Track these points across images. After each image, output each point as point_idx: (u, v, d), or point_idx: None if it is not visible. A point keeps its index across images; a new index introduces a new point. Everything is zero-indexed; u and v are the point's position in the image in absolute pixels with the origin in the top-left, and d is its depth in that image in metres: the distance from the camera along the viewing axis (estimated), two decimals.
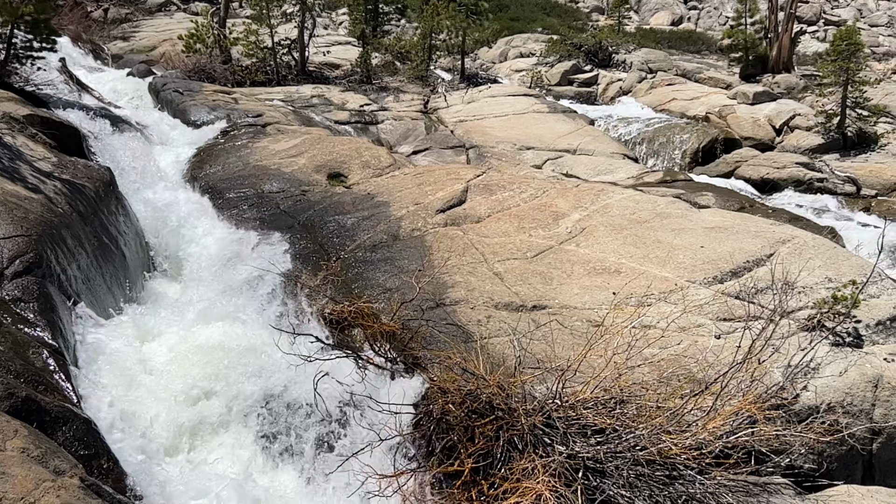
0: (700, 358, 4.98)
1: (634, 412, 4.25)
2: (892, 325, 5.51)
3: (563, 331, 5.35)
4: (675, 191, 10.06)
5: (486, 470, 4.21)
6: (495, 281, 6.02)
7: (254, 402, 4.40)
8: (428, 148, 13.02)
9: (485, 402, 4.39)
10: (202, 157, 9.16)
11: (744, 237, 6.37)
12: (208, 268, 5.95)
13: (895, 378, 5.03)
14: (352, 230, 6.90)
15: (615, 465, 3.90)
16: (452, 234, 6.83)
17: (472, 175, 8.17)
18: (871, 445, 4.86)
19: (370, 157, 8.98)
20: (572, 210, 7.26)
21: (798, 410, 4.76)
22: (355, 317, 5.21)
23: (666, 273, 5.97)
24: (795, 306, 5.52)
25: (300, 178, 8.21)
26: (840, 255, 6.23)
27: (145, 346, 4.56)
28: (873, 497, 4.43)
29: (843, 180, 12.23)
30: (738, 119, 15.51)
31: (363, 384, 4.62)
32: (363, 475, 4.13)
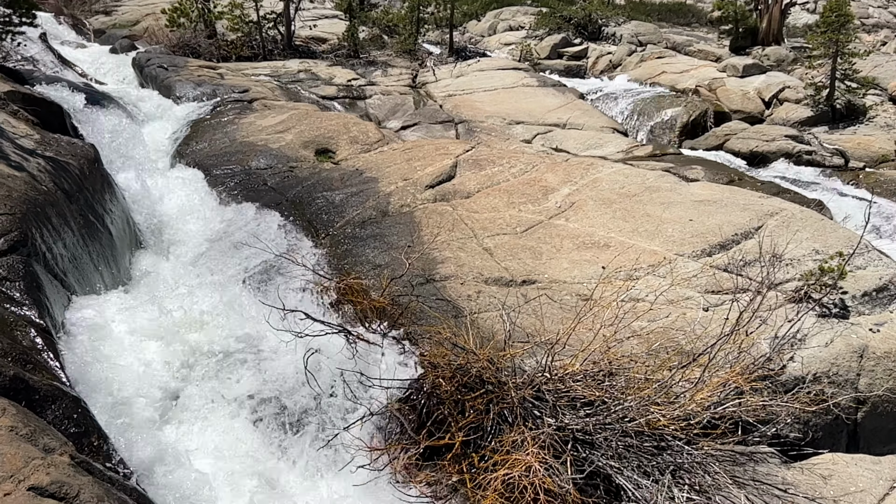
0: (688, 330, 5.02)
1: (623, 384, 4.29)
2: (877, 296, 5.57)
3: (552, 305, 5.37)
4: (664, 164, 10.07)
5: (477, 443, 4.25)
6: (485, 256, 6.02)
7: (243, 376, 4.40)
8: (417, 123, 12.92)
9: (475, 376, 4.42)
10: (188, 133, 9.06)
11: (732, 210, 6.38)
12: (196, 245, 5.91)
13: (880, 348, 5.09)
14: (340, 206, 6.86)
15: (604, 436, 3.94)
16: (442, 209, 6.81)
17: (462, 150, 8.12)
18: (856, 414, 4.94)
19: (358, 132, 8.91)
20: (562, 185, 7.24)
21: (784, 381, 4.82)
22: (345, 293, 5.21)
23: (655, 246, 5.99)
24: (783, 278, 5.56)
25: (288, 154, 8.13)
26: (827, 227, 6.26)
27: (131, 323, 4.53)
28: (857, 465, 4.51)
29: (831, 153, 12.25)
30: (728, 92, 15.46)
31: (353, 360, 4.62)
32: (354, 449, 4.16)
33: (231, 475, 4.00)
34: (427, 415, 4.52)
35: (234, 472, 4.03)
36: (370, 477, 4.10)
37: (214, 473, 3.91)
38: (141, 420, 4.03)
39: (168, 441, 4.02)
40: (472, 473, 4.03)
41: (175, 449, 3.95)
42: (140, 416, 4.03)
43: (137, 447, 3.73)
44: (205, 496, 3.80)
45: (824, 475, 4.36)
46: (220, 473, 3.97)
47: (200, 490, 3.77)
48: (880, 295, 5.58)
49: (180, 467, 3.85)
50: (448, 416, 4.39)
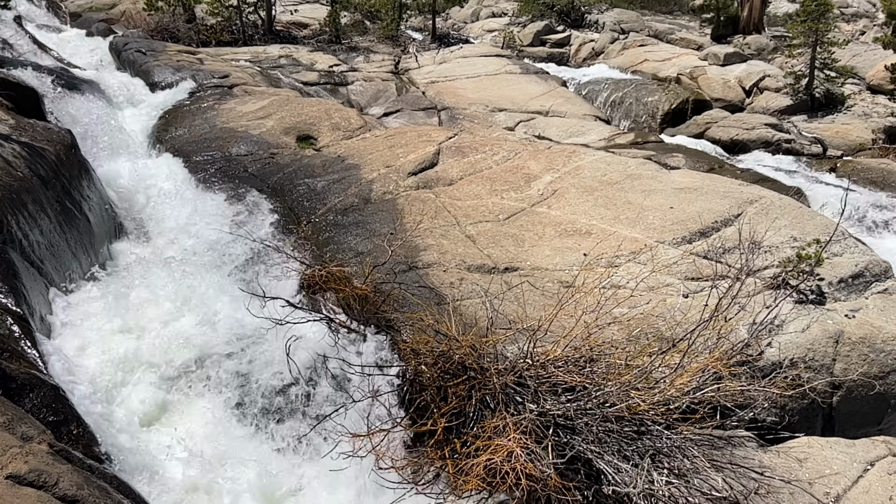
0: (668, 317, 5.07)
1: (604, 370, 4.33)
2: (853, 283, 5.66)
3: (534, 292, 5.40)
4: (645, 152, 10.12)
5: (459, 429, 4.27)
6: (467, 244, 6.03)
7: (224, 366, 4.38)
8: (399, 110, 12.86)
9: (457, 363, 4.43)
10: (167, 119, 8.94)
11: (712, 198, 6.44)
12: (175, 232, 5.85)
13: (855, 334, 5.19)
14: (322, 193, 6.82)
15: (585, 421, 3.98)
16: (424, 197, 6.79)
17: (444, 137, 8.10)
18: (831, 399, 5.03)
19: (340, 118, 8.84)
20: (544, 172, 7.26)
21: (762, 366, 4.89)
22: (327, 280, 5.19)
23: (636, 234, 6.03)
24: (761, 265, 5.63)
25: (268, 140, 8.06)
26: (805, 214, 6.34)
27: (110, 311, 4.49)
28: (832, 448, 4.60)
29: (810, 141, 12.38)
30: (709, 80, 15.55)
31: (335, 347, 4.62)
32: (337, 436, 4.16)
33: (214, 463, 3.98)
34: (410, 401, 4.54)
35: (218, 459, 4.02)
36: (353, 464, 4.11)
37: (197, 461, 3.90)
38: (123, 409, 4.00)
39: (152, 429, 4.00)
40: (455, 459, 4.06)
41: (159, 438, 3.94)
42: (121, 405, 4.00)
43: (119, 437, 3.72)
44: (188, 484, 3.79)
45: (800, 458, 4.45)
46: (203, 462, 3.96)
47: (183, 477, 3.77)
48: (856, 281, 5.68)
49: (163, 456, 3.84)
50: (430, 403, 4.41)
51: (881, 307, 5.48)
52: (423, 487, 4.06)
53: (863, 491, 4.24)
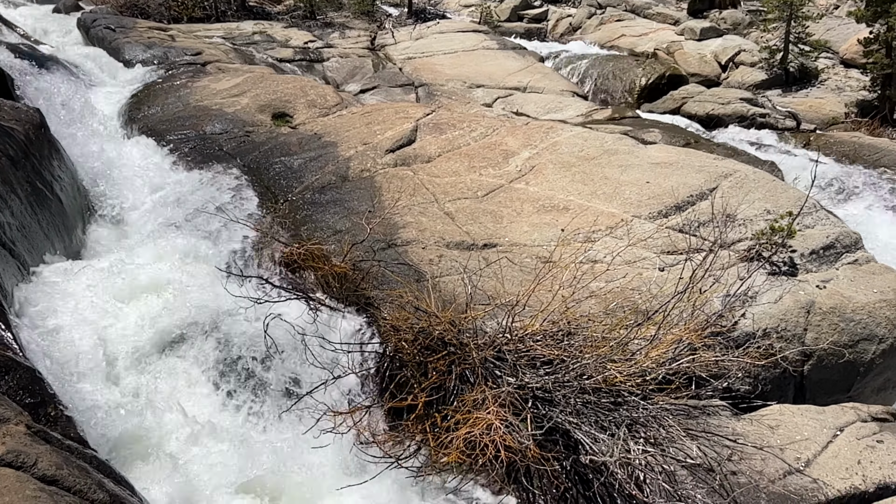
0: (644, 290, 5.14)
1: (581, 343, 4.39)
2: (824, 254, 5.77)
3: (512, 268, 5.44)
4: (622, 128, 10.16)
5: (439, 403, 4.32)
6: (446, 221, 6.03)
7: (202, 345, 4.36)
8: (376, 86, 12.74)
9: (437, 339, 4.47)
10: (139, 97, 8.77)
11: (688, 172, 6.50)
12: (150, 212, 5.78)
13: (826, 304, 5.30)
14: (299, 172, 6.77)
15: (563, 393, 4.04)
16: (402, 174, 6.77)
17: (422, 114, 8.06)
18: (803, 367, 5.15)
19: (316, 95, 8.75)
20: (522, 148, 7.26)
21: (736, 337, 4.99)
22: (305, 259, 5.18)
23: (613, 209, 6.08)
24: (736, 238, 5.71)
25: (243, 118, 7.96)
26: (779, 187, 6.43)
27: (86, 290, 4.43)
28: (803, 415, 4.72)
29: (784, 115, 12.51)
30: (685, 55, 15.59)
31: (315, 325, 4.62)
32: (318, 413, 4.18)
33: (196, 439, 3.99)
34: (390, 377, 4.57)
35: (200, 436, 4.02)
36: (334, 440, 4.13)
37: (178, 438, 3.90)
38: (103, 391, 3.98)
39: (133, 411, 3.98)
40: (435, 433, 4.11)
41: (141, 418, 3.93)
42: (100, 388, 3.98)
43: (99, 419, 3.70)
44: (169, 462, 3.80)
45: (772, 425, 4.56)
46: (184, 439, 3.96)
47: (165, 455, 3.77)
48: (827, 253, 5.79)
49: (146, 434, 3.83)
50: (411, 378, 4.45)
51: (851, 277, 5.60)
52: (404, 461, 4.11)
53: (832, 455, 4.37)
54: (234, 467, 3.88)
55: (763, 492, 4.09)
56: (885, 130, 12.20)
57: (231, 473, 3.86)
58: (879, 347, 5.31)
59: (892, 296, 5.51)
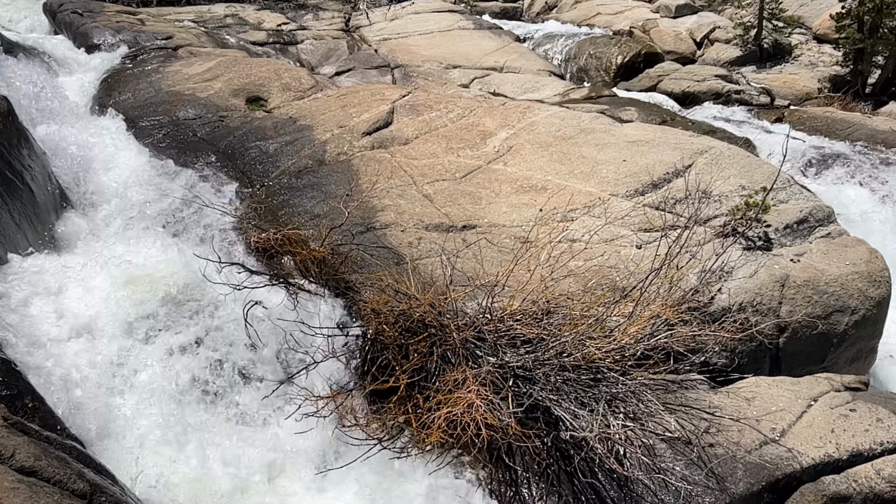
0: (622, 268, 5.18)
1: (560, 321, 4.42)
2: (798, 228, 5.86)
3: (491, 249, 5.45)
4: (599, 106, 10.17)
5: (421, 384, 4.34)
6: (425, 203, 6.02)
7: (182, 330, 4.34)
8: (352, 68, 12.61)
9: (417, 321, 4.48)
10: (110, 83, 8.60)
11: (664, 150, 6.54)
12: (124, 200, 5.69)
13: (800, 277, 5.39)
14: (275, 156, 6.70)
15: (543, 371, 4.08)
16: (380, 156, 6.74)
17: (398, 95, 8.00)
18: (778, 340, 5.25)
19: (290, 79, 8.64)
20: (499, 129, 7.26)
21: (713, 311, 5.07)
22: (283, 244, 5.14)
23: (590, 188, 6.11)
24: (711, 214, 5.78)
25: (217, 103, 7.84)
26: (753, 163, 6.50)
27: (60, 281, 4.37)
28: (778, 386, 4.82)
29: (758, 91, 12.60)
30: (661, 33, 15.61)
31: (295, 311, 4.61)
32: (300, 398, 4.19)
33: (177, 428, 3.97)
34: (371, 360, 4.58)
35: (182, 425, 4.01)
36: (317, 424, 4.14)
37: (159, 426, 3.89)
38: (83, 380, 3.94)
39: (114, 399, 3.96)
40: (418, 414, 4.13)
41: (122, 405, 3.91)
42: (81, 376, 3.94)
43: (80, 408, 3.68)
44: (151, 448, 3.79)
45: (748, 397, 4.65)
46: (165, 426, 3.94)
47: (146, 441, 3.76)
48: (801, 227, 5.88)
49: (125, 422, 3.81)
50: (392, 361, 4.46)
51: (824, 251, 5.70)
52: (387, 443, 4.13)
53: (806, 425, 4.47)
54: (220, 457, 3.89)
55: (740, 462, 4.18)
56: (858, 105, 12.34)
57: (216, 462, 3.87)
58: (852, 318, 5.43)
59: (864, 267, 5.61)
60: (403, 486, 4.01)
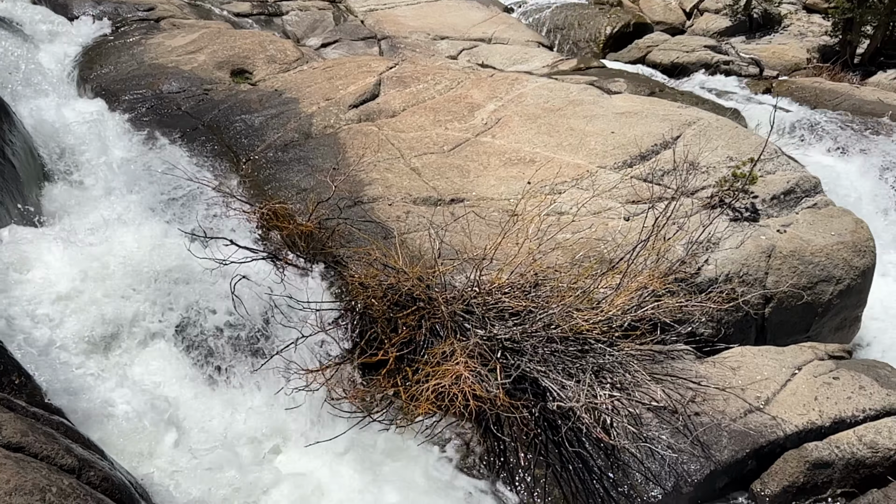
0: (610, 240, 5.19)
1: (548, 294, 4.44)
2: (785, 199, 5.88)
3: (480, 222, 5.44)
4: (588, 78, 10.11)
5: (410, 357, 4.36)
6: (413, 176, 5.99)
7: (170, 306, 4.32)
8: (338, 40, 12.45)
9: (406, 294, 4.48)
10: (91, 56, 8.43)
11: (652, 121, 6.51)
12: (107, 175, 5.62)
13: (786, 248, 5.43)
14: (260, 130, 6.63)
15: (531, 343, 4.10)
16: (367, 129, 6.68)
17: (385, 67, 7.91)
18: (764, 310, 5.30)
19: (276, 51, 8.51)
20: (487, 101, 7.20)
21: (699, 282, 5.10)
22: (270, 219, 5.11)
23: (578, 160, 6.09)
24: (699, 185, 5.78)
25: (201, 76, 7.72)
26: (741, 134, 6.49)
27: (44, 256, 4.33)
28: (763, 355, 4.87)
29: (747, 62, 12.57)
30: (650, 3, 15.50)
31: (282, 285, 4.60)
32: (289, 372, 4.20)
33: (168, 403, 3.98)
34: (360, 334, 4.59)
35: (172, 400, 4.01)
36: (306, 398, 4.16)
37: (146, 403, 3.89)
38: (69, 356, 3.93)
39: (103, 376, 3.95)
40: (406, 386, 4.16)
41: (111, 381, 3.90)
42: (66, 353, 3.93)
43: (66, 386, 3.66)
44: (140, 425, 3.79)
45: (734, 367, 4.70)
46: (154, 403, 3.95)
47: (138, 416, 3.76)
48: (787, 197, 5.90)
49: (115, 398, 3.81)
50: (381, 334, 4.47)
51: (810, 221, 5.73)
52: (376, 415, 4.16)
53: (790, 393, 4.54)
54: (214, 432, 3.90)
55: (725, 430, 4.24)
56: (846, 75, 12.34)
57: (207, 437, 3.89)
58: (836, 288, 5.48)
59: (849, 238, 5.66)
60: (393, 458, 4.04)
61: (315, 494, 3.80)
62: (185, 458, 3.69)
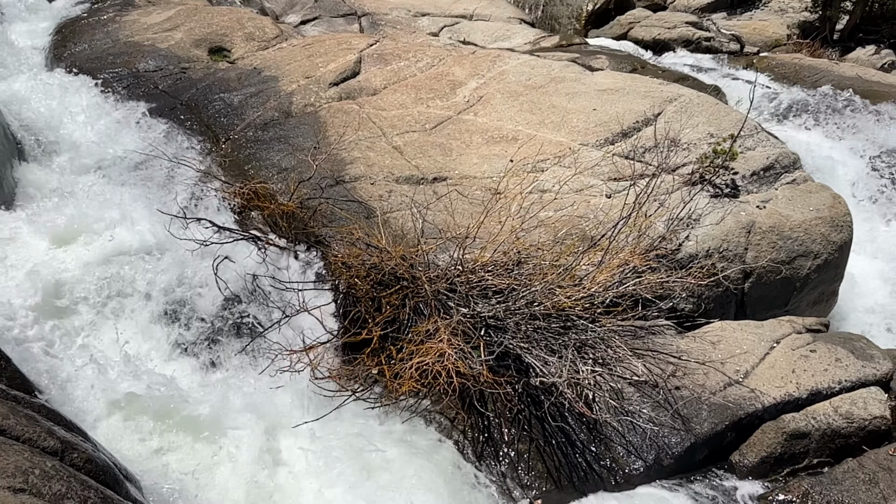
0: (592, 217, 5.22)
1: (531, 271, 4.46)
2: (764, 175, 5.93)
3: (462, 200, 5.43)
4: (570, 55, 10.06)
5: (394, 336, 4.37)
6: (395, 155, 5.96)
7: (151, 288, 4.29)
8: (317, 17, 12.26)
9: (389, 274, 4.48)
10: (64, 34, 8.25)
11: (634, 98, 6.52)
12: (84, 155, 5.53)
13: (765, 223, 5.49)
14: (240, 108, 6.54)
15: (514, 321, 4.13)
16: (348, 108, 6.61)
17: (365, 44, 7.82)
18: (743, 285, 5.36)
19: (254, 28, 8.38)
20: (469, 78, 7.15)
21: (680, 258, 5.15)
22: (250, 199, 5.07)
23: (560, 137, 6.08)
24: (680, 162, 5.81)
25: (178, 54, 7.59)
26: (722, 111, 6.52)
27: (18, 236, 4.28)
28: (743, 330, 4.95)
29: (728, 38, 12.57)
30: None
31: (265, 265, 4.58)
32: (273, 353, 4.19)
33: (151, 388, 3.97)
34: (344, 314, 4.59)
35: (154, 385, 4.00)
36: (291, 378, 4.17)
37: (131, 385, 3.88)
38: (50, 339, 3.90)
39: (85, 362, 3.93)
40: (391, 365, 4.17)
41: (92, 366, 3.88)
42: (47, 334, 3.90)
43: (48, 367, 3.64)
44: (124, 409, 3.78)
45: (714, 341, 4.77)
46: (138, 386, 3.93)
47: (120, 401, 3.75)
48: (767, 173, 5.95)
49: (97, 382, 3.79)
50: (365, 314, 4.47)
51: (789, 197, 5.79)
52: (361, 394, 4.18)
53: (769, 366, 4.62)
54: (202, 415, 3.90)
55: (704, 403, 4.32)
56: (826, 51, 12.41)
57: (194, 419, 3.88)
58: (814, 263, 5.56)
59: (827, 213, 5.73)
60: (377, 436, 4.07)
61: (300, 476, 3.81)
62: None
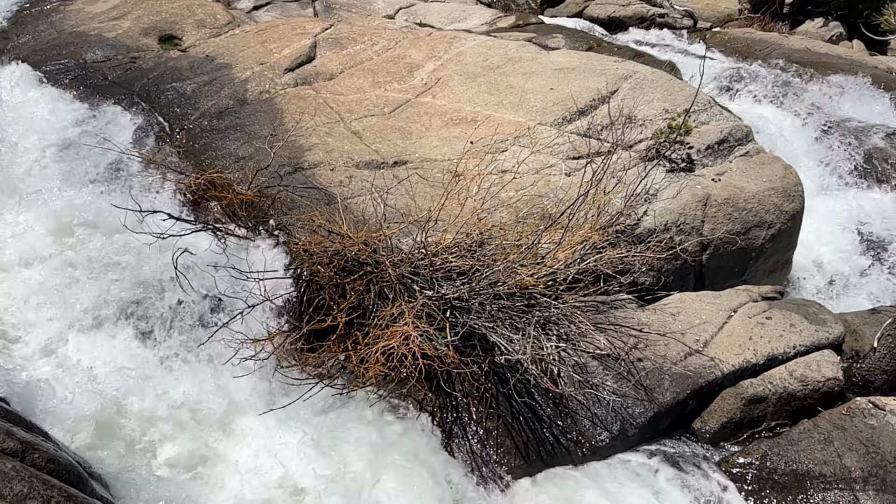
0: (552, 196, 5.27)
1: (494, 252, 4.49)
2: (719, 148, 6.05)
3: (424, 184, 5.44)
4: (527, 34, 10.09)
5: (360, 322, 4.37)
6: (354, 140, 5.92)
7: (109, 285, 4.22)
8: (270, 2, 12.04)
9: (352, 260, 4.47)
10: (6, 26, 7.97)
11: (590, 76, 6.56)
12: (32, 150, 5.37)
13: (721, 196, 5.61)
14: (193, 98, 6.42)
15: (478, 301, 4.17)
16: (304, 94, 6.54)
17: (320, 29, 7.72)
18: (701, 257, 5.49)
19: (205, 15, 8.20)
20: (426, 60, 7.12)
21: (639, 233, 5.24)
22: (207, 189, 5.00)
23: (519, 118, 6.11)
24: (636, 138, 5.89)
25: (127, 43, 7.40)
26: (676, 86, 6.61)
27: None
28: (701, 300, 5.07)
29: (682, 14, 12.73)
30: None
31: (224, 255, 4.52)
32: (236, 343, 4.16)
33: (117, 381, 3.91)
34: (308, 302, 4.57)
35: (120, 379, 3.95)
36: (256, 367, 4.14)
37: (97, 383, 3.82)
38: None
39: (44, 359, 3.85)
40: (357, 351, 4.18)
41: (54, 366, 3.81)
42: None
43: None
44: (88, 406, 3.72)
45: (673, 313, 4.89)
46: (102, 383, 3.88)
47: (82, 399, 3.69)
48: (721, 147, 6.07)
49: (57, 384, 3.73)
50: (329, 301, 4.46)
51: (743, 169, 5.92)
52: (328, 381, 4.18)
53: (727, 335, 4.75)
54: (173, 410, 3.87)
55: (666, 373, 4.42)
56: (776, 25, 12.65)
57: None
58: (769, 232, 5.71)
59: (780, 183, 5.88)
60: (347, 422, 4.08)
61: (271, 462, 3.81)
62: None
